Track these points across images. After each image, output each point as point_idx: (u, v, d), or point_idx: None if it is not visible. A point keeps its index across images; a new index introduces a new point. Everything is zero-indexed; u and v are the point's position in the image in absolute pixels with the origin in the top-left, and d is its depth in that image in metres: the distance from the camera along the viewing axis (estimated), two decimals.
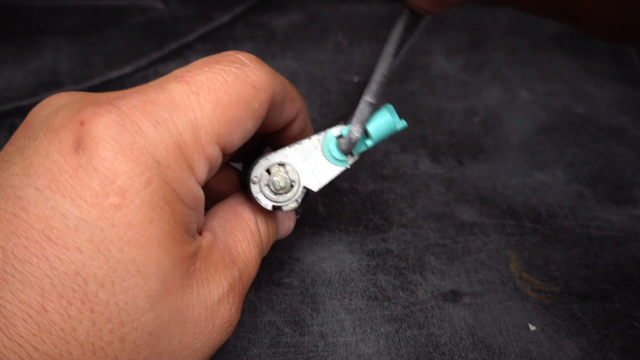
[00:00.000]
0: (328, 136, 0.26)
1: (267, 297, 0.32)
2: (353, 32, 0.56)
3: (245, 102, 0.22)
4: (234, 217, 0.26)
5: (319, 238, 0.36)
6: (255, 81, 0.22)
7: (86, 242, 0.18)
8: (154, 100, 0.20)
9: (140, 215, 0.19)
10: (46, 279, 0.18)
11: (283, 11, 0.59)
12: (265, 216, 0.27)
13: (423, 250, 0.35)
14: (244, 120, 0.22)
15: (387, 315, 0.31)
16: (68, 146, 0.19)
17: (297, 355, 0.29)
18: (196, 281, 0.22)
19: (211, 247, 0.23)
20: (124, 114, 0.19)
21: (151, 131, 0.20)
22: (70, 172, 0.19)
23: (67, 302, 0.18)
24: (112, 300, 0.19)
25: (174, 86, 0.21)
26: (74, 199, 0.18)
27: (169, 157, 0.20)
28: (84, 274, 0.18)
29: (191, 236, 0.22)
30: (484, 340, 0.30)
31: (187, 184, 0.21)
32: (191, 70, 0.22)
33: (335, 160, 0.26)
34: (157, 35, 0.55)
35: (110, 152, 0.19)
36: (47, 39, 0.53)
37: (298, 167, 0.26)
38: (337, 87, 0.50)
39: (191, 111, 0.21)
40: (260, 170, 0.26)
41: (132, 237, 0.19)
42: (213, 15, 0.58)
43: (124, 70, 0.50)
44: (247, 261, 0.25)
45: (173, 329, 0.21)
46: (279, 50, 0.53)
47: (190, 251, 0.21)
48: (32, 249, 0.18)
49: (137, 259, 0.19)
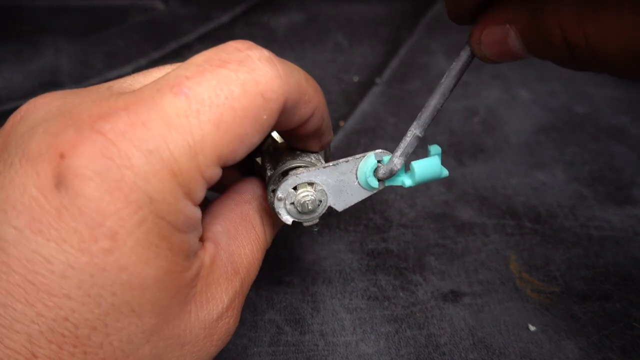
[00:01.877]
0: (369, 160, 0.25)
1: (267, 295, 0.32)
2: (353, 32, 0.57)
3: (252, 116, 0.19)
4: (240, 220, 0.24)
5: (320, 237, 0.36)
6: (265, 90, 0.19)
7: (74, 288, 0.17)
8: (145, 122, 0.17)
9: (134, 257, 0.17)
10: (33, 325, 0.17)
11: (283, 11, 0.59)
12: (273, 217, 0.26)
13: (423, 250, 0.35)
14: (249, 136, 0.19)
15: (387, 315, 0.31)
16: (48, 182, 0.17)
17: (297, 354, 0.29)
18: (195, 305, 0.21)
19: (213, 262, 0.22)
20: (110, 144, 0.17)
21: (142, 163, 0.17)
22: (52, 214, 0.17)
23: (57, 347, 0.17)
24: (106, 341, 0.18)
25: (169, 101, 0.18)
26: (59, 243, 0.17)
27: (163, 191, 0.18)
28: (74, 319, 0.17)
29: (191, 258, 0.20)
30: (484, 341, 0.30)
31: (184, 212, 0.19)
32: (191, 77, 0.19)
33: (370, 187, 0.25)
34: (157, 35, 0.55)
35: (96, 192, 0.17)
36: (47, 39, 0.53)
37: (327, 187, 0.25)
38: (337, 87, 0.50)
39: (189, 134, 0.18)
40: (287, 188, 0.24)
41: (125, 280, 0.17)
42: (213, 15, 0.58)
43: (124, 70, 0.50)
44: (249, 266, 0.24)
45: (170, 355, 0.20)
46: (278, 50, 0.53)
47: (190, 277, 0.20)
48: (14, 294, 0.17)
49: (132, 300, 0.18)
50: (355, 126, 0.45)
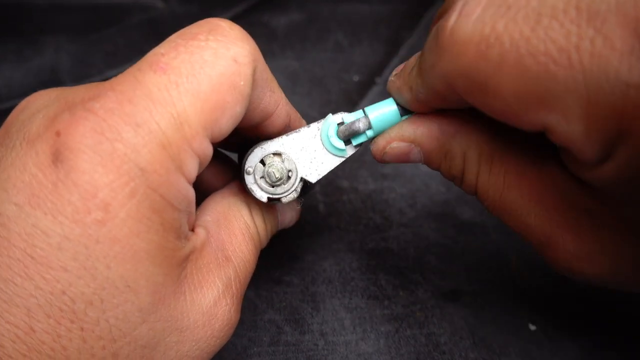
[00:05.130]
0: (328, 121, 0.25)
1: (267, 295, 0.32)
2: (353, 32, 0.57)
3: (229, 82, 0.20)
4: (228, 210, 0.25)
5: (319, 236, 0.36)
6: (237, 54, 0.20)
7: (71, 260, 0.18)
8: (131, 99, 0.19)
9: (126, 229, 0.18)
10: (32, 299, 0.17)
11: (283, 10, 0.59)
12: (261, 207, 0.26)
13: (423, 249, 0.35)
14: (230, 104, 0.20)
15: (387, 314, 0.31)
16: (45, 159, 0.18)
17: (297, 354, 0.29)
18: (188, 287, 0.21)
19: (203, 247, 0.22)
20: (101, 120, 0.18)
21: (132, 135, 0.18)
22: (49, 188, 0.18)
23: (55, 321, 0.18)
24: (102, 317, 0.18)
25: (150, 78, 0.19)
26: (55, 215, 0.17)
27: (154, 162, 0.18)
28: (71, 293, 0.18)
29: (182, 239, 0.21)
30: (484, 340, 0.30)
31: (176, 186, 0.19)
32: (166, 53, 0.20)
33: (335, 149, 0.25)
34: (157, 34, 0.55)
35: (89, 164, 0.18)
36: (48, 38, 0.53)
37: (295, 156, 0.25)
38: (337, 86, 0.50)
39: (172, 105, 0.19)
40: (254, 161, 0.25)
41: (118, 252, 0.18)
42: (213, 14, 0.58)
43: (123, 68, 0.50)
44: (242, 256, 0.24)
45: (168, 339, 0.20)
46: (279, 50, 0.53)
47: (181, 257, 0.20)
48: (15, 268, 0.17)
49: (126, 275, 0.18)
50: None
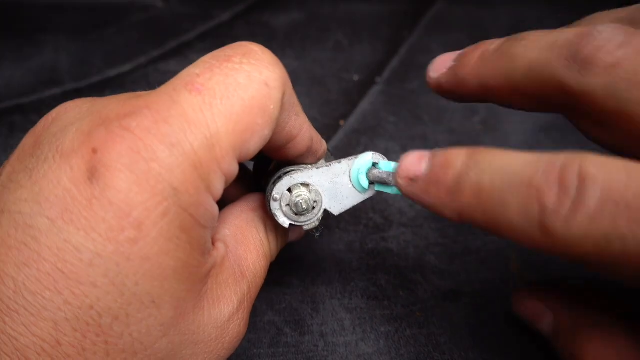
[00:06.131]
0: (365, 157, 0.25)
1: (266, 296, 0.32)
2: (353, 31, 0.56)
3: (260, 105, 0.21)
4: (246, 225, 0.26)
5: (319, 237, 0.36)
6: (269, 78, 0.21)
7: (101, 277, 0.18)
8: (166, 119, 0.19)
9: (157, 247, 0.18)
10: (59, 313, 0.18)
11: (283, 10, 0.59)
12: (276, 225, 0.27)
13: (423, 249, 0.35)
14: (260, 126, 0.21)
15: (387, 314, 0.31)
16: (81, 175, 0.18)
17: (297, 355, 0.29)
18: (207, 302, 0.21)
19: (223, 263, 0.23)
20: (138, 139, 0.18)
21: (166, 155, 0.19)
22: (84, 204, 0.18)
23: (81, 335, 0.18)
24: (127, 331, 0.19)
25: (185, 98, 0.19)
26: (88, 232, 0.18)
27: (186, 182, 0.19)
28: (98, 308, 0.18)
29: (206, 255, 0.21)
30: (484, 340, 0.30)
31: (204, 205, 0.20)
32: (201, 74, 0.20)
33: (361, 187, 0.26)
34: (157, 34, 0.55)
35: (125, 183, 0.18)
36: (47, 37, 0.53)
37: (322, 189, 0.25)
38: (337, 86, 0.50)
39: (206, 127, 0.19)
40: (282, 189, 0.25)
41: (148, 270, 0.18)
42: (213, 13, 0.58)
43: (123, 68, 0.50)
44: (255, 272, 0.25)
45: (184, 352, 0.20)
46: (279, 49, 0.53)
47: (204, 273, 0.21)
48: (44, 281, 0.18)
49: (152, 291, 0.19)
50: (356, 125, 0.45)
